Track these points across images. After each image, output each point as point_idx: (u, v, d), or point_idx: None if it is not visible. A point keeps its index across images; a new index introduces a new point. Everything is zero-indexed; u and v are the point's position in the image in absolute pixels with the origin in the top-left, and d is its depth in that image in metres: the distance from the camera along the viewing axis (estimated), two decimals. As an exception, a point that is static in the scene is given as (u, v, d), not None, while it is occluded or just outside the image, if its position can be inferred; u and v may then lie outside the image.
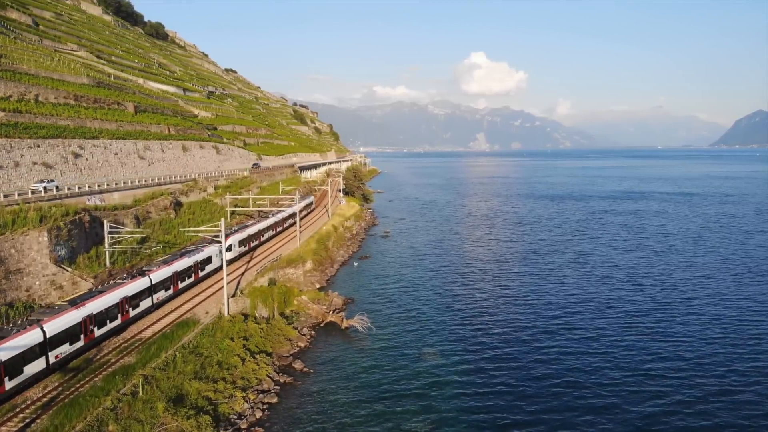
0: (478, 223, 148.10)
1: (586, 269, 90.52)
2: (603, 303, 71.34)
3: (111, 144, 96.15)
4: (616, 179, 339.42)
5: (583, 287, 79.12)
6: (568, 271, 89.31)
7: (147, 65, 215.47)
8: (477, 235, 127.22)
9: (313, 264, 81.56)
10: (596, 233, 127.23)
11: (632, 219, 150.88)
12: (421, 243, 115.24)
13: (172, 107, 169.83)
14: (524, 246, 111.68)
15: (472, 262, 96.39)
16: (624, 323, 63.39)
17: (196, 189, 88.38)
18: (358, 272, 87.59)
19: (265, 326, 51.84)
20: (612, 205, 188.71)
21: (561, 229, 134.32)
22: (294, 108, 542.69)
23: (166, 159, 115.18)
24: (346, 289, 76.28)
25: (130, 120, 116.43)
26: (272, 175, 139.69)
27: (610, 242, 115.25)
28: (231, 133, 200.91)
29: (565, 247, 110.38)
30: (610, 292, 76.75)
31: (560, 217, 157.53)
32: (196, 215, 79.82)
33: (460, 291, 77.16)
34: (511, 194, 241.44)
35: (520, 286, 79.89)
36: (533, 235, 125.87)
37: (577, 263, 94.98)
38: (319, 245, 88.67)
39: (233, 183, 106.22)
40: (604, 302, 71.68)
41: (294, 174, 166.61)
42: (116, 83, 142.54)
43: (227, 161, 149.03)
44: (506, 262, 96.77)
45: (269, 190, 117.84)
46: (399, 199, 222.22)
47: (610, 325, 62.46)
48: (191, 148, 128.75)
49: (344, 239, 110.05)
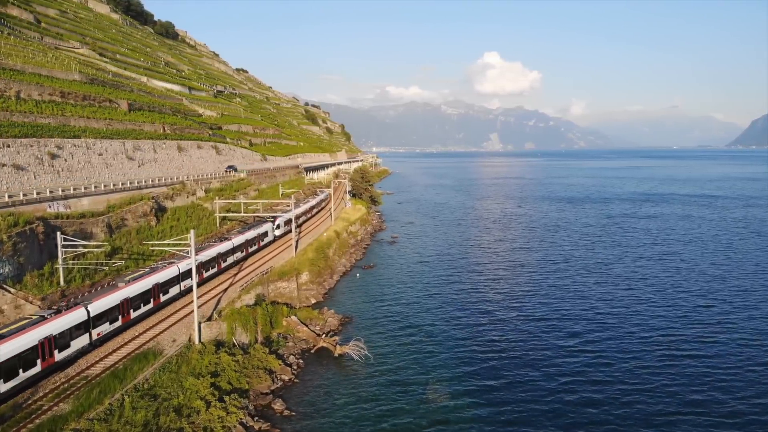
0: (491, 227, 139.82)
1: (609, 282, 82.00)
2: (630, 321, 63.04)
3: (95, 144, 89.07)
4: (634, 180, 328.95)
5: (606, 303, 70.74)
6: (590, 284, 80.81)
7: (153, 64, 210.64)
8: (490, 241, 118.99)
9: (310, 275, 73.93)
10: (618, 240, 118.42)
11: (655, 224, 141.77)
12: (429, 250, 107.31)
13: (175, 106, 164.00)
14: (541, 254, 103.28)
15: (484, 273, 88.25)
16: (655, 345, 55.27)
17: (183, 192, 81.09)
18: (359, 284, 79.78)
19: (241, 357, 44.01)
20: (632, 208, 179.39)
21: (580, 234, 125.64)
22: (305, 108, 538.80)
23: (158, 160, 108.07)
24: (345, 305, 68.56)
25: (121, 118, 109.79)
26: (273, 177, 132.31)
27: (633, 250, 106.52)
28: (237, 133, 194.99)
29: (586, 255, 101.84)
30: (636, 308, 68.45)
31: (579, 221, 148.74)
32: (181, 222, 72.46)
33: (472, 308, 69.05)
34: (526, 196, 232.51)
35: (538, 302, 71.61)
36: (551, 241, 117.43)
37: (599, 275, 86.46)
38: (317, 254, 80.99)
39: (227, 185, 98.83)
40: (630, 320, 63.40)
41: (298, 175, 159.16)
42: (113, 80, 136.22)
43: (228, 162, 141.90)
44: (522, 273, 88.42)
45: (268, 193, 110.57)
46: (409, 200, 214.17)
47: (639, 347, 54.30)
48: (188, 148, 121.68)
49: (347, 246, 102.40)
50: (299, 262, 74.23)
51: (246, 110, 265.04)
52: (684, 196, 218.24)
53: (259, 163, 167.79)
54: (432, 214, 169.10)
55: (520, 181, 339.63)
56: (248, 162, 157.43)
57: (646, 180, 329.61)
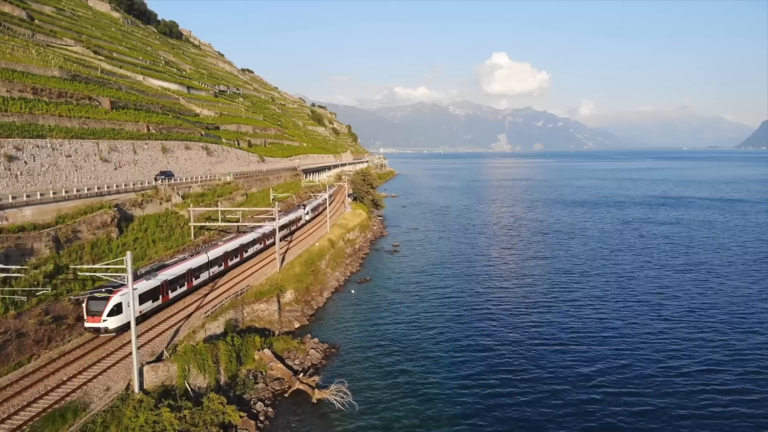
0: (500, 233, 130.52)
1: (631, 300, 72.55)
2: (659, 347, 53.88)
3: (62, 144, 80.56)
4: (648, 182, 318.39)
5: (630, 325, 61.46)
6: (611, 303, 71.39)
7: (153, 62, 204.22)
8: (497, 250, 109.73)
9: (296, 294, 65.14)
10: (638, 249, 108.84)
11: (676, 230, 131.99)
12: (432, 261, 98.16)
13: (170, 105, 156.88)
14: (555, 266, 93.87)
15: (492, 289, 78.96)
16: (687, 377, 46.16)
17: (156, 199, 72.50)
18: (352, 302, 70.74)
19: (188, 413, 34.98)
20: (649, 213, 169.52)
21: (596, 243, 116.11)
22: (311, 109, 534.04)
23: (139, 161, 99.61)
24: (333, 330, 59.65)
25: (100, 117, 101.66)
26: (266, 180, 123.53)
27: (656, 261, 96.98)
28: (235, 133, 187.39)
29: (604, 268, 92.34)
30: (664, 329, 59.50)
31: (593, 227, 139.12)
32: (149, 233, 63.86)
33: (478, 334, 59.79)
34: (536, 199, 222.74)
35: (552, 327, 62.34)
36: (565, 250, 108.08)
37: (620, 291, 77.03)
38: (305, 268, 72.18)
39: (210, 190, 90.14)
40: (660, 346, 54.23)
41: (295, 178, 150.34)
42: (100, 78, 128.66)
43: (220, 164, 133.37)
44: (535, 292, 78.90)
45: (258, 198, 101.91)
46: (413, 204, 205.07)
47: (670, 379, 45.13)
48: (173, 149, 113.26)
49: (343, 256, 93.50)
50: (283, 278, 65.43)
51: (248, 110, 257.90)
52: (702, 200, 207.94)
53: (255, 164, 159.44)
54: (437, 218, 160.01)
55: (529, 183, 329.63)
56: (243, 163, 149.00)
57: (659, 182, 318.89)
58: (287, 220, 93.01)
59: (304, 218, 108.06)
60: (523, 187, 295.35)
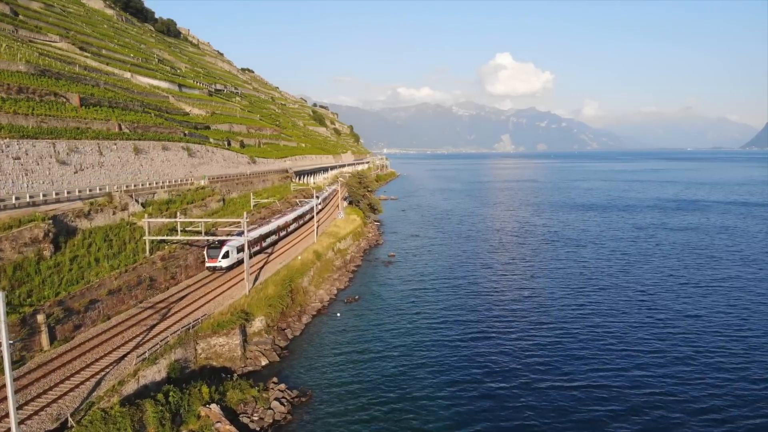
0: (505, 242, 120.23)
1: (659, 324, 62.50)
2: (695, 387, 43.89)
3: (10, 145, 70.97)
4: (657, 184, 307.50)
5: (657, 353, 51.45)
6: (635, 329, 61.30)
7: (145, 60, 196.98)
8: (503, 261, 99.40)
9: (267, 321, 55.22)
10: (657, 260, 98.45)
11: (696, 239, 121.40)
12: (431, 274, 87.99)
13: (157, 103, 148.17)
14: (567, 280, 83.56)
15: (498, 310, 68.66)
16: None
17: (108, 207, 62.58)
18: (336, 330, 60.53)
19: None
20: (664, 217, 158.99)
21: (609, 252, 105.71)
22: (313, 109, 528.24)
23: (105, 164, 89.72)
24: (308, 370, 49.43)
25: (65, 115, 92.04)
26: (250, 183, 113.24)
27: (679, 275, 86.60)
28: (227, 133, 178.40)
29: (621, 282, 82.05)
30: (694, 357, 49.33)
31: (606, 234, 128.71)
32: (93, 250, 53.78)
33: (484, 374, 49.70)
34: (542, 202, 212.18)
35: (573, 365, 52.23)
36: (576, 260, 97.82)
37: (644, 313, 66.74)
38: (282, 288, 62.20)
39: (179, 196, 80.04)
40: (696, 386, 44.24)
41: (284, 180, 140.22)
42: (77, 74, 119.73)
43: (203, 165, 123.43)
44: (547, 315, 68.57)
45: (238, 204, 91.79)
46: (413, 207, 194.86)
47: None
48: (149, 150, 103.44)
49: (331, 269, 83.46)
50: (252, 303, 55.45)
51: (245, 110, 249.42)
52: (716, 203, 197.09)
53: (245, 166, 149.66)
54: (437, 224, 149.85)
55: (534, 185, 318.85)
56: (231, 165, 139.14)
57: (669, 184, 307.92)
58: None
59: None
60: (528, 189, 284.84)
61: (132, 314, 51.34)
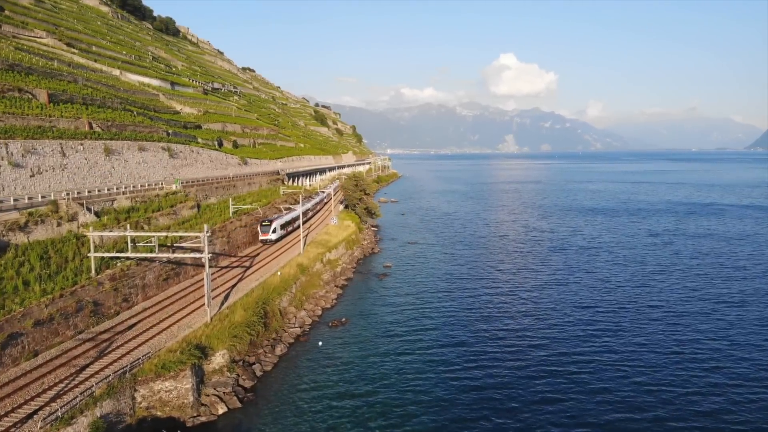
0: (510, 249, 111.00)
1: (685, 349, 53.59)
2: None
3: (-52, 145, 62.45)
4: (666, 186, 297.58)
5: (688, 393, 42.47)
6: (658, 358, 52.31)
7: (138, 58, 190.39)
8: (509, 272, 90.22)
9: (232, 355, 46.44)
10: (677, 272, 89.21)
11: (716, 247, 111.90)
12: (429, 289, 78.80)
13: (145, 101, 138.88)
14: (579, 297, 74.31)
15: (504, 335, 59.67)
16: None
17: (52, 219, 53.79)
18: (315, 363, 51.11)
19: None
20: (678, 223, 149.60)
21: (624, 262, 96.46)
22: (315, 109, 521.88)
23: (69, 166, 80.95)
24: (274, 419, 40.42)
25: (31, 112, 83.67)
26: (233, 187, 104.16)
27: (704, 290, 77.30)
28: (220, 133, 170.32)
29: (641, 298, 72.83)
30: (731, 391, 40.35)
31: (618, 241, 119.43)
32: (24, 271, 44.67)
33: (489, 414, 40.99)
34: (548, 205, 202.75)
35: (586, 403, 43.40)
36: (588, 272, 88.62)
37: (668, 335, 57.90)
38: (252, 313, 53.33)
39: (146, 203, 70.94)
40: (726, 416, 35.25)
41: (274, 183, 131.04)
42: (54, 69, 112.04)
43: (187, 167, 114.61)
44: (555, 334, 59.80)
45: (214, 211, 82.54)
46: (414, 210, 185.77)
47: None
48: (122, 151, 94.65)
49: (317, 285, 74.51)
50: (213, 334, 46.66)
51: (242, 109, 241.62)
52: (731, 207, 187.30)
53: (235, 167, 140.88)
54: (438, 229, 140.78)
55: (539, 187, 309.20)
56: (219, 166, 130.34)
57: (679, 186, 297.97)
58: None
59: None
60: (532, 191, 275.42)
61: (66, 348, 42.54)
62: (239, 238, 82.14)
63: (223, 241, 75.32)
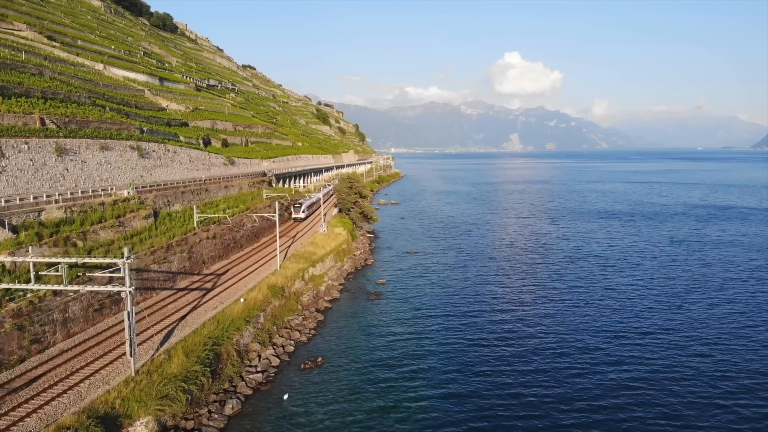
0: (520, 260, 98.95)
1: (722, 384, 41.80)
2: None
3: None
4: (680, 186, 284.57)
5: None
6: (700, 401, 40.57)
7: (128, 53, 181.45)
8: (518, 291, 78.03)
9: (160, 422, 34.91)
10: (711, 288, 77.26)
11: (752, 257, 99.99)
12: (427, 312, 66.68)
13: (126, 97, 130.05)
14: (601, 322, 62.28)
15: (517, 379, 48.12)
16: None
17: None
18: (273, 427, 39.91)
19: None
20: (701, 228, 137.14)
21: (648, 276, 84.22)
22: (317, 107, 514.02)
23: (8, 168, 69.60)
24: None
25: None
26: (204, 191, 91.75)
27: (747, 314, 65.63)
28: (208, 131, 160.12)
29: (675, 324, 60.96)
30: None
31: (638, 250, 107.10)
32: None
33: None
34: (557, 208, 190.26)
35: None
36: (608, 288, 76.51)
37: (713, 372, 46.10)
38: (194, 361, 41.61)
39: (84, 214, 58.71)
40: None
41: (258, 186, 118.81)
42: (13, 61, 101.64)
43: (160, 168, 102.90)
44: (570, 366, 48.13)
45: (175, 221, 70.57)
46: (415, 213, 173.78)
47: None
48: (78, 150, 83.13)
49: (294, 309, 62.71)
50: (135, 394, 35.15)
51: (238, 106, 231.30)
52: (755, 211, 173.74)
53: (220, 168, 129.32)
54: (441, 235, 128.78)
55: (547, 187, 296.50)
56: (201, 167, 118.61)
57: (693, 186, 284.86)
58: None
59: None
60: (540, 192, 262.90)
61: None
62: (205, 252, 70.26)
63: (182, 258, 63.47)
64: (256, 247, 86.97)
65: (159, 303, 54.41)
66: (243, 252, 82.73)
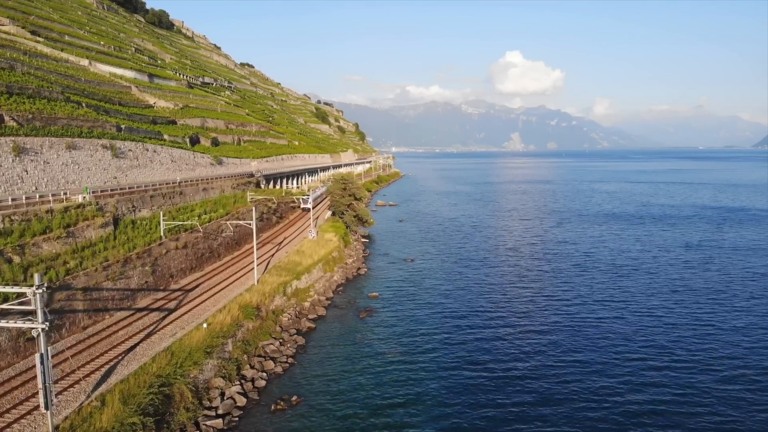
0: (525, 268, 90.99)
1: None
2: None
3: None
4: (686, 187, 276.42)
5: None
6: None
7: (118, 49, 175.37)
8: (524, 304, 69.98)
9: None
10: (725, 296, 69.89)
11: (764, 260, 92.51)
12: (424, 331, 58.90)
13: (110, 94, 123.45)
14: (614, 341, 54.66)
15: (524, 413, 40.44)
16: None
17: None
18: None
19: None
20: (713, 231, 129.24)
21: (664, 287, 76.33)
22: (316, 106, 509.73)
23: (-47, 170, 62.38)
24: None
25: None
26: (178, 195, 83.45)
27: None
28: (198, 129, 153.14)
29: (700, 342, 53.29)
30: None
31: (651, 256, 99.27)
32: None
33: None
34: (561, 209, 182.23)
35: None
36: (621, 301, 68.76)
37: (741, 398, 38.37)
38: (134, 410, 33.94)
39: (25, 224, 50.68)
40: None
41: (243, 187, 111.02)
42: None
43: (137, 169, 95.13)
44: (588, 406, 40.38)
45: (138, 231, 62.75)
46: (413, 215, 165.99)
47: None
48: (41, 149, 75.51)
49: (270, 332, 55.06)
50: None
51: (233, 104, 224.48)
52: (766, 212, 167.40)
53: (206, 168, 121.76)
54: (440, 240, 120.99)
55: (550, 187, 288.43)
56: (185, 167, 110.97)
57: (700, 187, 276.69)
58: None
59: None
60: (543, 193, 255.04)
61: None
62: (173, 264, 62.47)
63: (143, 272, 55.69)
64: (236, 256, 79.28)
65: (110, 328, 46.67)
66: (221, 262, 74.95)
